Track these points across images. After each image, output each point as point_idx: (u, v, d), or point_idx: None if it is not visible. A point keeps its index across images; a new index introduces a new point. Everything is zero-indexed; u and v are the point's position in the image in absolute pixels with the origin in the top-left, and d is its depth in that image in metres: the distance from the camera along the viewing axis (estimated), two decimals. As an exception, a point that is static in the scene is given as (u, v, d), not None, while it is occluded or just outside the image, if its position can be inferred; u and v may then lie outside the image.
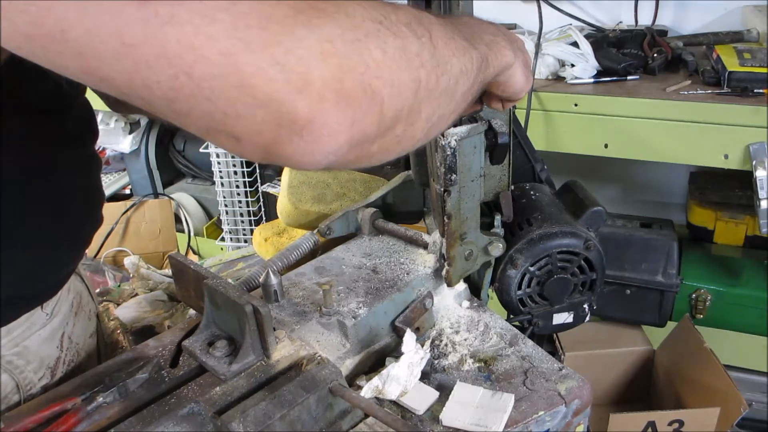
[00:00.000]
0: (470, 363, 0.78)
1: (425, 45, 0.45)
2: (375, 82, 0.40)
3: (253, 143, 0.39)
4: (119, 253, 2.14)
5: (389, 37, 0.42)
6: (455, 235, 0.79)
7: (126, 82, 0.37)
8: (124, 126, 2.41)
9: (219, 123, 0.38)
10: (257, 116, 0.38)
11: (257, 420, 0.59)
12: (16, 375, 0.70)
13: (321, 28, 0.38)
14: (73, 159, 0.72)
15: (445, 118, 0.52)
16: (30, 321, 0.71)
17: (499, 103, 0.67)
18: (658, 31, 1.72)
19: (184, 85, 0.36)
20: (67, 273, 0.76)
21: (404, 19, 0.44)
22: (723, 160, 1.38)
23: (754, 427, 1.77)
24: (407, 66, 0.43)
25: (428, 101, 0.46)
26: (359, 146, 0.42)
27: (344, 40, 0.39)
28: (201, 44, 0.35)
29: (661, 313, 1.62)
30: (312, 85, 0.38)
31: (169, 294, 1.47)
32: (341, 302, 0.79)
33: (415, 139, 0.48)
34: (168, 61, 0.35)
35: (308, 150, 0.40)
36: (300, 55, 0.37)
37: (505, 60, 0.60)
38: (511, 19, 1.93)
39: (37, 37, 0.35)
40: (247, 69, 0.36)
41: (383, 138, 0.44)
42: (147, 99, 0.38)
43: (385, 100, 0.42)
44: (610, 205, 1.75)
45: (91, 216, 0.76)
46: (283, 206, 1.10)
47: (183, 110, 0.38)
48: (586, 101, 1.47)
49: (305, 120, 0.38)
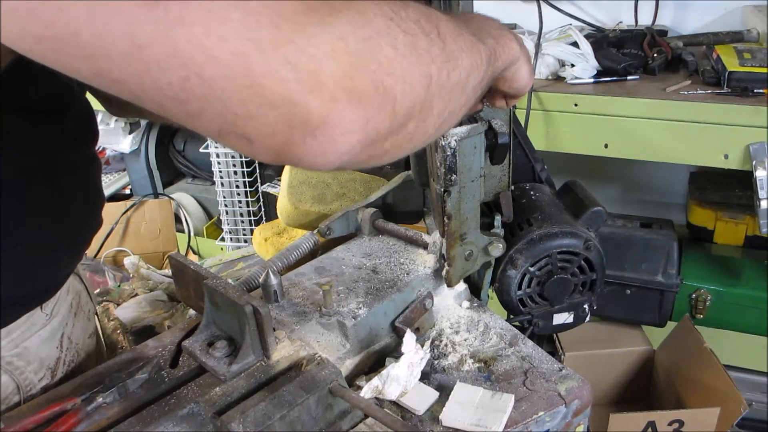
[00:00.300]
0: (470, 363, 0.78)
1: (434, 41, 0.45)
2: (387, 79, 0.40)
3: (265, 144, 0.39)
4: (119, 253, 2.14)
5: (399, 33, 0.42)
6: (455, 236, 0.79)
7: (137, 83, 0.36)
8: (124, 126, 2.41)
9: (230, 124, 0.38)
10: (269, 117, 0.37)
11: (257, 420, 0.59)
12: (17, 376, 0.70)
13: (333, 26, 0.38)
14: (74, 159, 0.71)
15: (455, 113, 0.51)
16: (30, 322, 0.70)
17: (503, 101, 0.67)
18: (658, 31, 1.72)
19: (195, 86, 0.36)
20: (67, 273, 0.76)
21: (413, 15, 0.44)
22: (723, 160, 1.38)
23: (754, 427, 1.77)
24: (418, 62, 0.43)
25: (440, 96, 0.46)
26: (373, 145, 0.42)
27: (356, 37, 0.39)
28: (212, 45, 0.35)
29: (661, 313, 1.62)
30: (324, 84, 0.37)
31: (169, 294, 1.47)
32: (341, 302, 0.79)
33: (426, 135, 0.48)
34: (179, 61, 0.35)
35: (321, 150, 0.39)
36: (311, 53, 0.37)
37: (512, 53, 0.60)
38: (511, 19, 1.93)
39: (48, 40, 0.35)
40: (258, 69, 0.36)
41: (396, 135, 0.44)
42: (158, 101, 0.37)
43: (398, 97, 0.41)
44: (610, 205, 1.75)
45: (90, 217, 0.76)
46: (283, 206, 1.10)
47: (194, 111, 0.38)
48: (586, 101, 1.47)
49: (318, 120, 0.38)
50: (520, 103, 1.48)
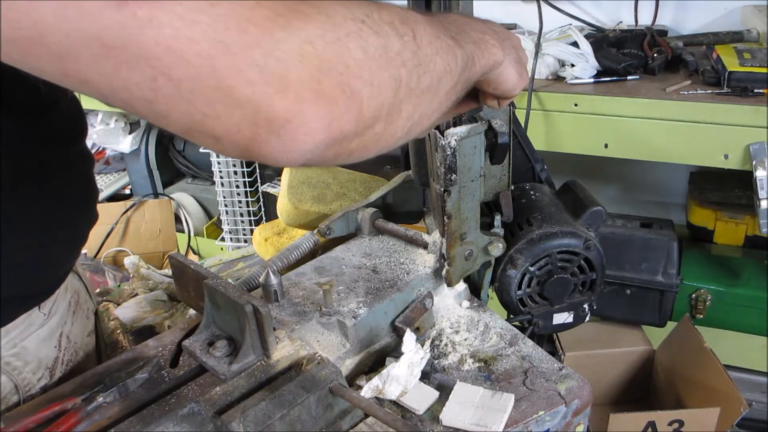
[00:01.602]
0: (470, 363, 0.78)
1: (407, 44, 0.45)
2: (354, 81, 0.41)
3: (232, 142, 0.40)
4: (119, 253, 2.14)
5: (371, 36, 0.42)
6: (455, 235, 0.79)
7: (106, 84, 0.37)
8: (124, 126, 2.41)
9: (198, 123, 0.38)
10: (236, 117, 0.38)
11: (257, 420, 0.59)
12: (15, 376, 0.70)
13: (301, 30, 0.38)
14: (65, 155, 0.71)
15: (427, 117, 0.51)
16: (28, 321, 0.70)
17: (495, 101, 0.67)
18: (658, 31, 1.72)
19: (163, 86, 0.36)
20: (65, 272, 0.76)
21: (387, 18, 0.44)
22: (723, 160, 1.38)
23: (754, 427, 1.77)
24: (388, 65, 0.43)
25: (409, 100, 0.47)
26: (337, 144, 0.43)
27: (325, 41, 0.39)
28: (180, 46, 0.35)
29: (661, 313, 1.62)
30: (290, 86, 0.38)
31: (169, 294, 1.47)
32: (341, 302, 0.79)
33: (395, 137, 0.49)
34: (147, 62, 0.35)
35: (286, 148, 0.40)
36: (278, 57, 0.37)
37: (493, 58, 0.59)
38: (511, 19, 1.93)
39: (15, 41, 0.35)
40: (225, 71, 0.36)
41: (362, 136, 0.44)
42: (127, 100, 0.38)
43: (365, 100, 0.42)
44: (610, 205, 1.75)
45: (85, 213, 0.76)
46: (283, 206, 1.10)
47: (162, 111, 0.38)
48: (586, 101, 1.47)
49: (283, 120, 0.39)
50: (520, 103, 1.49)
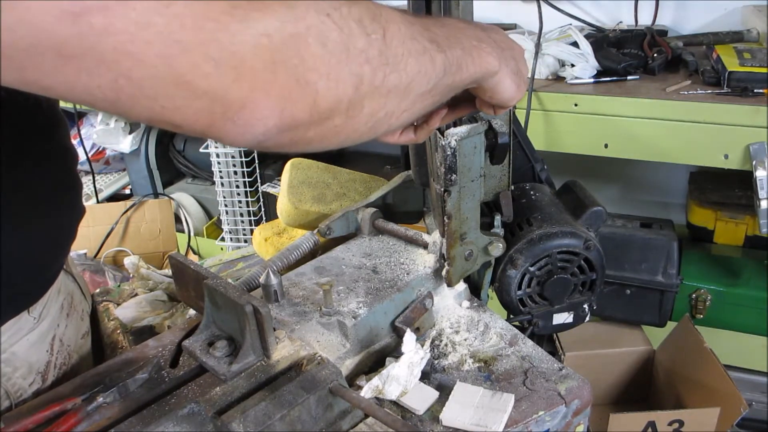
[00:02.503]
0: (470, 363, 0.78)
1: (374, 42, 0.46)
2: (309, 74, 0.42)
3: (191, 128, 0.42)
4: (119, 253, 2.14)
5: (333, 31, 0.43)
6: (455, 235, 0.79)
7: (68, 89, 0.37)
8: (124, 126, 2.41)
9: (159, 114, 0.40)
10: (194, 107, 0.40)
11: (257, 420, 0.59)
12: (4, 383, 0.69)
13: (259, 22, 0.39)
14: (46, 150, 0.70)
15: (395, 116, 0.51)
16: (16, 326, 0.69)
17: (491, 109, 0.67)
18: (658, 31, 1.72)
19: (124, 86, 0.37)
20: (52, 273, 0.74)
21: (356, 14, 0.45)
22: (723, 160, 1.38)
23: (754, 427, 1.77)
24: (348, 61, 0.44)
25: (372, 97, 0.47)
26: (291, 131, 0.44)
27: (282, 34, 0.40)
28: (138, 50, 0.36)
29: (661, 313, 1.62)
30: (244, 75, 0.40)
31: (169, 294, 1.47)
32: (341, 302, 0.79)
33: (358, 132, 0.50)
34: (107, 67, 0.36)
35: (240, 132, 0.42)
36: (234, 50, 0.39)
37: (486, 66, 0.58)
38: (511, 19, 1.93)
39: None
40: (183, 68, 0.38)
41: (320, 126, 0.46)
42: (89, 102, 0.39)
43: (320, 91, 0.43)
44: (610, 205, 1.75)
45: (68, 209, 0.75)
46: (283, 206, 1.10)
47: (125, 108, 0.40)
48: (586, 101, 1.47)
49: (238, 107, 0.41)
50: (520, 103, 1.48)
